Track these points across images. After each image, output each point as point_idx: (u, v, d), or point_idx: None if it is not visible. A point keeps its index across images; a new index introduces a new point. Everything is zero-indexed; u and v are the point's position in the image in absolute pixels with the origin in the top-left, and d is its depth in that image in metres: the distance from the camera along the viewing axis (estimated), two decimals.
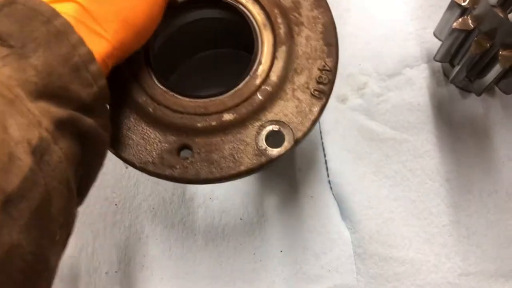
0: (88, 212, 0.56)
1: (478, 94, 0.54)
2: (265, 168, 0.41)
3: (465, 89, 0.57)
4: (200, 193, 0.56)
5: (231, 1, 0.45)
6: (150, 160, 0.41)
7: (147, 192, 0.56)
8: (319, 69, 0.43)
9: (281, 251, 0.53)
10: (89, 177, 0.37)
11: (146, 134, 0.41)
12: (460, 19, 0.48)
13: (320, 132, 0.57)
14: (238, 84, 0.42)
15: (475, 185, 0.54)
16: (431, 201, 0.54)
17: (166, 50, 0.48)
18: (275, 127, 0.41)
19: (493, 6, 0.42)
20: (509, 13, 0.41)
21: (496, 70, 0.48)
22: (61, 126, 0.31)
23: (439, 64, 0.58)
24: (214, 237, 0.54)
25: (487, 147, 0.55)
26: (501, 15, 0.42)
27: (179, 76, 0.57)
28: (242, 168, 0.40)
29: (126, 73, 0.42)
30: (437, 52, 0.54)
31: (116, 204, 0.56)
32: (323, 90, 0.42)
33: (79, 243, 0.55)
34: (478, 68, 0.52)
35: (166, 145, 0.41)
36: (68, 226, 0.33)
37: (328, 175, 0.55)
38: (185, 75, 0.57)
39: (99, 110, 0.34)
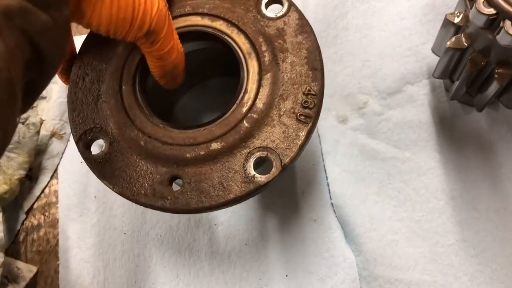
0: (98, 242, 0.57)
1: (480, 110, 0.53)
2: (254, 195, 0.42)
3: (468, 104, 0.56)
4: (205, 220, 0.57)
5: (217, 33, 0.46)
6: (143, 192, 0.42)
7: (154, 221, 0.58)
8: (304, 93, 0.43)
9: (286, 276, 0.53)
10: (39, 83, 0.33)
11: (139, 167, 0.43)
12: (453, 38, 0.48)
13: (322, 154, 0.57)
14: (225, 113, 0.43)
15: (482, 202, 0.53)
16: (436, 220, 0.53)
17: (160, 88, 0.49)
18: (262, 154, 0.41)
19: (481, 28, 0.42)
20: (497, 34, 0.40)
21: (494, 86, 0.47)
22: (9, 16, 0.27)
23: (440, 80, 0.57)
24: (220, 263, 0.55)
25: (492, 162, 0.54)
26: (490, 36, 0.41)
27: (179, 108, 0.59)
28: (231, 196, 0.41)
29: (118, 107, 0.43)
30: (435, 69, 0.53)
31: (125, 233, 0.58)
32: (309, 114, 0.42)
33: (91, 272, 0.57)
34: (477, 83, 0.51)
35: (157, 176, 0.42)
36: (6, 134, 0.28)
37: (330, 198, 0.55)
38: (183, 106, 0.58)
39: (56, 6, 0.30)
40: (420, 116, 0.57)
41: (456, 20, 0.48)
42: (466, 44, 0.47)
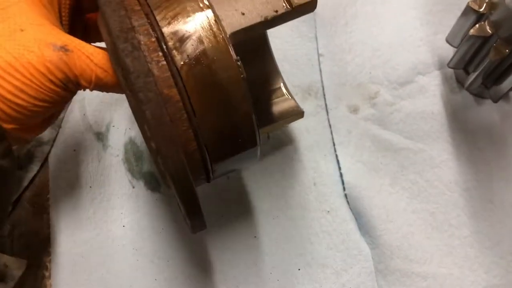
0: (95, 235, 0.53)
1: (495, 101, 0.52)
2: None
3: (479, 96, 0.56)
4: (211, 211, 0.53)
5: None
6: None
7: (155, 212, 0.54)
8: None
9: (299, 270, 0.51)
10: None
11: None
12: (477, 25, 0.47)
13: (334, 144, 0.55)
14: None
15: (496, 194, 0.53)
16: (450, 212, 0.52)
17: None
18: None
19: None
20: None
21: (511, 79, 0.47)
22: None
23: (451, 70, 0.56)
24: (229, 259, 0.52)
25: (505, 154, 0.54)
26: None
27: None
28: None
29: None
30: (452, 59, 0.52)
31: (124, 226, 0.54)
32: None
33: (87, 268, 0.52)
34: (495, 74, 0.51)
35: None
36: None
37: (344, 189, 0.54)
38: None
39: None
40: (432, 107, 0.56)
41: (480, 7, 0.47)
42: (490, 32, 0.46)
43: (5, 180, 0.35)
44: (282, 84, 0.54)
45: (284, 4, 0.38)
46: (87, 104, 0.59)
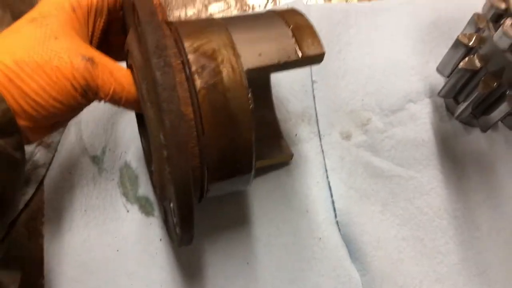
0: (90, 259, 0.54)
1: (484, 131, 0.53)
2: None
3: (469, 124, 0.57)
4: (204, 237, 0.54)
5: None
6: None
7: (150, 236, 0.55)
8: None
9: None
10: (6, 198, 0.38)
11: None
12: (466, 59, 0.48)
13: (326, 171, 0.56)
14: None
15: (484, 222, 0.54)
16: (439, 239, 0.53)
17: None
18: None
19: (503, 51, 0.42)
20: None
21: (503, 108, 0.48)
22: None
23: (441, 99, 0.58)
24: (221, 284, 0.53)
25: (493, 183, 0.55)
26: (510, 60, 0.42)
27: None
28: None
29: None
30: (442, 89, 0.53)
31: (117, 250, 0.54)
32: None
33: None
34: (484, 105, 0.52)
35: None
36: None
37: (335, 216, 0.54)
38: None
39: (8, 130, 0.36)
40: (423, 135, 0.57)
41: (469, 41, 0.48)
42: (479, 66, 0.47)
43: (18, 172, 0.39)
44: (276, 122, 0.56)
45: (296, 53, 0.42)
46: (83, 127, 0.60)
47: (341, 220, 0.54)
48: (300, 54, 0.42)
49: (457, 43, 0.49)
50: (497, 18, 0.41)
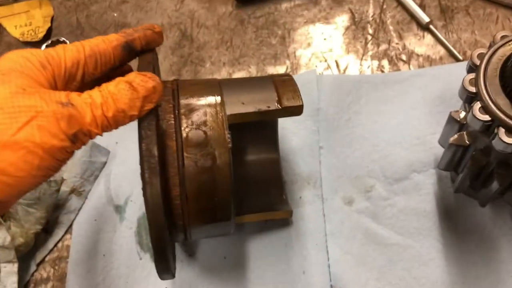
0: None
1: (483, 205, 0.53)
2: None
3: (472, 197, 0.57)
4: None
5: None
6: None
7: (157, 283, 0.59)
8: None
9: None
10: None
11: None
12: (456, 135, 0.49)
13: (325, 234, 0.58)
14: None
15: None
16: None
17: None
18: None
19: (478, 131, 0.43)
20: (493, 139, 0.41)
21: (494, 185, 0.48)
22: None
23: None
24: None
25: (494, 258, 0.54)
26: (486, 140, 0.43)
27: None
28: None
29: None
30: (440, 161, 0.55)
31: None
32: None
33: None
34: (480, 179, 0.52)
35: None
36: None
37: (330, 279, 0.56)
38: None
39: None
40: (425, 205, 0.58)
41: (459, 118, 0.50)
42: (468, 142, 0.49)
43: None
44: (280, 178, 0.59)
45: (276, 104, 0.49)
46: (112, 179, 0.66)
47: (335, 285, 0.55)
48: (279, 105, 0.48)
49: (450, 119, 0.51)
50: (471, 100, 0.43)
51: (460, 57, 0.66)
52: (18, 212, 0.60)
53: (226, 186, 0.45)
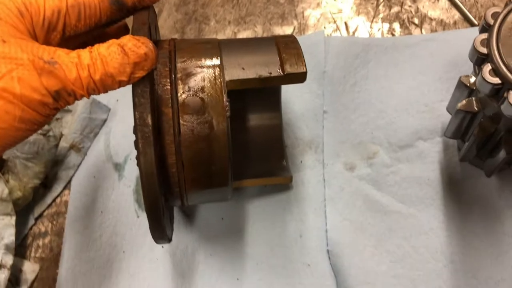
0: (98, 256, 0.59)
1: (488, 175, 0.52)
2: None
3: (478, 167, 0.55)
4: (202, 249, 0.57)
5: None
6: None
7: (154, 243, 0.59)
8: None
9: None
10: None
11: None
12: (464, 101, 0.47)
13: (325, 199, 0.57)
14: None
15: (482, 271, 0.51)
16: (432, 281, 0.52)
17: None
18: None
19: (487, 96, 0.41)
20: (501, 104, 0.39)
21: (501, 154, 0.46)
22: None
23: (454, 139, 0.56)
24: None
25: (497, 231, 0.52)
26: (495, 105, 0.41)
27: None
28: None
29: None
30: (447, 129, 0.53)
31: (124, 251, 0.59)
32: None
33: (86, 285, 0.58)
34: (488, 148, 0.50)
35: None
36: None
37: (327, 244, 0.55)
38: None
39: None
40: (429, 174, 0.56)
41: (469, 83, 0.47)
42: (476, 109, 0.46)
43: None
44: (281, 144, 0.58)
45: (278, 70, 0.46)
46: (112, 137, 0.66)
47: (332, 250, 0.55)
48: (281, 71, 0.45)
49: (460, 84, 0.49)
50: (481, 62, 0.41)
51: (476, 22, 0.63)
52: (17, 166, 0.60)
53: (224, 155, 0.44)
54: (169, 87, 0.42)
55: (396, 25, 0.65)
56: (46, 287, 0.59)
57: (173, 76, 0.42)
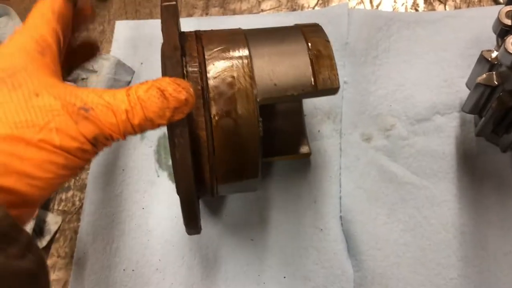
0: (118, 212, 0.61)
1: (503, 151, 0.52)
2: None
3: (494, 143, 0.56)
4: (216, 208, 0.59)
5: None
6: None
7: (171, 201, 0.61)
8: None
9: (285, 277, 0.55)
10: None
11: None
12: (485, 75, 0.48)
13: (340, 168, 0.58)
14: None
15: (491, 243, 0.53)
16: (441, 251, 0.53)
17: None
18: None
19: (508, 68, 0.42)
20: None
21: None
22: None
23: (471, 115, 0.57)
24: (224, 255, 0.57)
25: (509, 205, 0.54)
26: None
27: None
28: None
29: None
30: (465, 103, 0.53)
31: (143, 208, 0.61)
32: None
33: (106, 238, 0.60)
34: (505, 123, 0.51)
35: None
36: None
37: (340, 210, 0.57)
38: None
39: (8, 239, 0.29)
40: (444, 148, 0.57)
41: (491, 57, 0.48)
42: (496, 83, 0.47)
43: (36, 284, 0.31)
44: (301, 120, 0.59)
45: (311, 86, 0.44)
46: None
47: (345, 216, 0.56)
48: (314, 87, 0.44)
49: (481, 58, 0.49)
50: (505, 34, 0.42)
51: (501, 0, 0.63)
52: None
53: (255, 170, 0.45)
54: (202, 109, 0.41)
55: (420, 1, 0.66)
56: (68, 238, 0.62)
57: (206, 95, 0.41)
